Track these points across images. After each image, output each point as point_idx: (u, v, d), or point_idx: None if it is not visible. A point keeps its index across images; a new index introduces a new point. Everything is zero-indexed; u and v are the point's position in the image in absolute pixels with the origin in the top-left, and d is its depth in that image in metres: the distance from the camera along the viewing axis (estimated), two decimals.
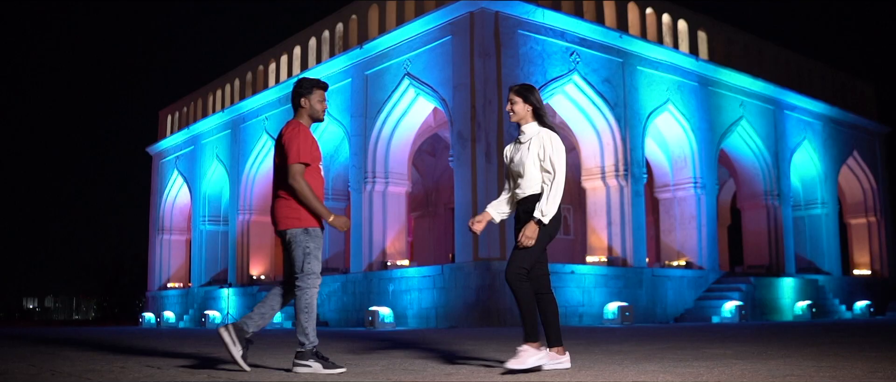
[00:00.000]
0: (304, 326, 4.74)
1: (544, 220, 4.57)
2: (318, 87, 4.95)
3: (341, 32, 23.33)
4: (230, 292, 24.44)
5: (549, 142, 4.68)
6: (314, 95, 4.93)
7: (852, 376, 4.11)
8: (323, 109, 4.97)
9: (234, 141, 27.15)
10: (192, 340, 11.06)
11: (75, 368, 5.45)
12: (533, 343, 4.55)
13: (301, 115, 4.96)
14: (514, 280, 4.56)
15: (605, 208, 20.53)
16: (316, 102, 4.93)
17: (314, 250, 4.78)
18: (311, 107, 4.93)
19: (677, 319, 20.67)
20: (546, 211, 4.57)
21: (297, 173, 4.72)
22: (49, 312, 58.80)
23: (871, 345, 6.92)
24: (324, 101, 4.97)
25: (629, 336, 10.04)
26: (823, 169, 26.99)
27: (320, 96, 4.95)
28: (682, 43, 22.89)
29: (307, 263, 4.76)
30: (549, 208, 4.58)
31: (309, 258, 4.76)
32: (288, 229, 4.80)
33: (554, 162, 4.64)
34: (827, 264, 26.71)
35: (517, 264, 4.58)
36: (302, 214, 4.77)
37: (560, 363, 4.72)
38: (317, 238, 4.80)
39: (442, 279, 18.55)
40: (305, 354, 4.72)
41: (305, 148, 4.77)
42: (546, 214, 4.57)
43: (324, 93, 4.99)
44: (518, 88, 4.82)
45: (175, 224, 32.22)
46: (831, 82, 28.69)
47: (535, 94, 4.80)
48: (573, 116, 20.63)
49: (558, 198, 4.61)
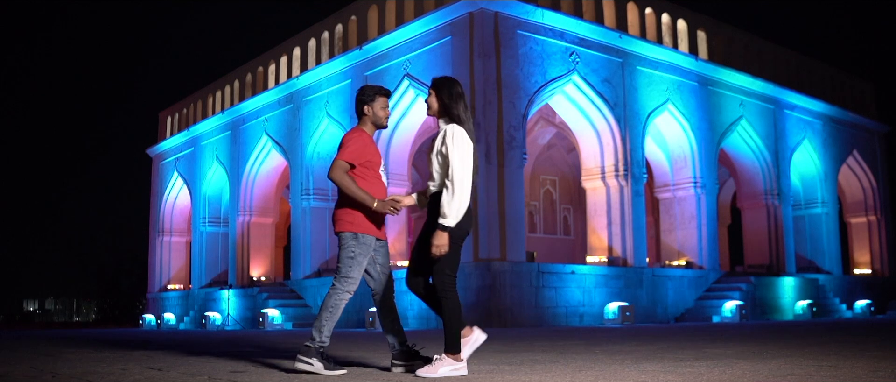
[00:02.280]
0: (322, 324, 4.74)
1: (446, 223, 4.31)
2: (380, 94, 4.96)
3: (341, 33, 23.32)
4: (230, 293, 24.43)
5: (450, 137, 4.40)
6: (377, 102, 4.93)
7: (853, 375, 4.10)
8: (385, 116, 4.95)
9: (234, 142, 27.15)
10: (192, 341, 11.05)
11: (76, 370, 5.45)
12: (452, 354, 4.38)
13: (364, 122, 4.98)
14: (442, 289, 4.39)
15: (605, 208, 20.52)
16: (378, 109, 4.93)
17: (359, 256, 4.79)
18: (374, 114, 4.93)
19: (678, 319, 20.66)
20: (447, 213, 4.31)
21: (338, 168, 4.75)
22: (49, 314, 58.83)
23: (871, 344, 6.92)
24: (386, 107, 4.95)
25: (630, 336, 10.03)
26: (823, 168, 26.99)
27: (383, 103, 4.94)
28: (681, 43, 22.89)
29: (349, 267, 4.78)
30: (450, 210, 4.32)
31: (352, 263, 4.78)
32: (341, 232, 4.84)
33: (451, 159, 4.34)
34: (827, 263, 26.71)
35: (441, 271, 4.38)
36: (357, 219, 4.80)
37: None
38: (365, 245, 4.81)
39: None
40: (311, 351, 4.70)
41: (356, 150, 4.78)
42: (447, 216, 4.31)
43: (387, 100, 4.97)
44: (434, 81, 4.62)
45: (175, 226, 32.22)
46: (831, 81, 28.69)
47: (450, 87, 4.53)
48: (573, 117, 20.63)
49: (460, 199, 4.31)
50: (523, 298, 17.63)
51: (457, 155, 4.35)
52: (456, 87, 4.55)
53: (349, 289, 4.77)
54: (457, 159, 4.35)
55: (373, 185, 4.85)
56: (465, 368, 4.44)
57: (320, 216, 23.55)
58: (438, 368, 4.33)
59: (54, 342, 11.61)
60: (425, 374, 4.32)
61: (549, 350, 7.19)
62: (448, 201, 4.33)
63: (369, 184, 4.83)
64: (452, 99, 4.50)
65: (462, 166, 4.34)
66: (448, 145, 4.38)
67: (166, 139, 32.30)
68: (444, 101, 4.51)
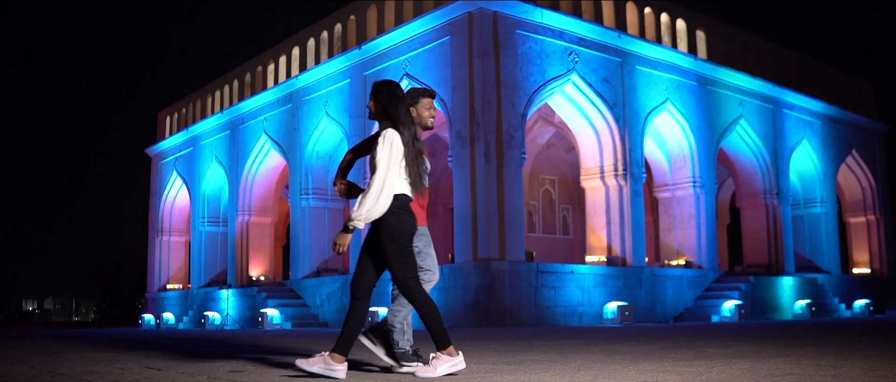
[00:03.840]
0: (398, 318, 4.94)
1: (352, 224, 4.23)
2: (424, 95, 4.98)
3: (340, 33, 23.32)
4: (230, 293, 24.42)
5: (382, 139, 4.33)
6: (421, 103, 4.94)
7: (852, 374, 4.10)
8: (430, 117, 4.94)
9: (233, 142, 27.14)
10: (191, 340, 11.05)
11: (75, 370, 5.45)
12: (445, 349, 4.34)
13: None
14: (411, 297, 4.34)
15: (604, 207, 20.53)
16: (423, 110, 4.94)
17: (423, 247, 4.97)
18: (419, 116, 4.93)
19: (677, 318, 20.67)
20: (354, 215, 4.22)
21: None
22: (48, 314, 58.84)
23: (870, 344, 6.92)
24: (431, 108, 4.95)
25: (629, 336, 10.03)
26: (822, 168, 27.00)
27: (427, 104, 4.94)
28: (680, 42, 22.89)
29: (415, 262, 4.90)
30: (359, 212, 4.21)
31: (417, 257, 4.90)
32: None
33: (377, 162, 4.28)
34: (826, 262, 26.72)
35: (404, 280, 4.31)
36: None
37: (334, 371, 4.30)
38: (422, 236, 5.00)
39: (441, 280, 18.53)
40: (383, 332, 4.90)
41: None
42: (354, 218, 4.22)
43: (431, 101, 4.98)
44: (374, 85, 4.56)
45: (174, 225, 32.21)
46: (830, 81, 28.70)
47: (390, 90, 4.48)
48: (572, 116, 20.63)
49: (372, 202, 4.21)
50: (522, 297, 17.63)
51: (382, 160, 4.28)
52: (396, 89, 4.49)
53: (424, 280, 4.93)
54: (382, 164, 4.28)
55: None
56: (463, 361, 4.40)
57: (319, 216, 23.56)
58: (437, 367, 4.32)
59: (53, 341, 11.61)
60: (425, 374, 4.32)
61: (548, 349, 7.19)
62: (358, 203, 4.25)
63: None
64: (392, 101, 4.44)
65: (383, 170, 4.26)
66: (377, 147, 4.32)
67: (165, 139, 32.29)
68: (383, 104, 4.46)
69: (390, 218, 4.30)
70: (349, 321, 4.39)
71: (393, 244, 4.31)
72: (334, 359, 4.30)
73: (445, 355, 4.36)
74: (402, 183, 4.38)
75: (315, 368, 4.29)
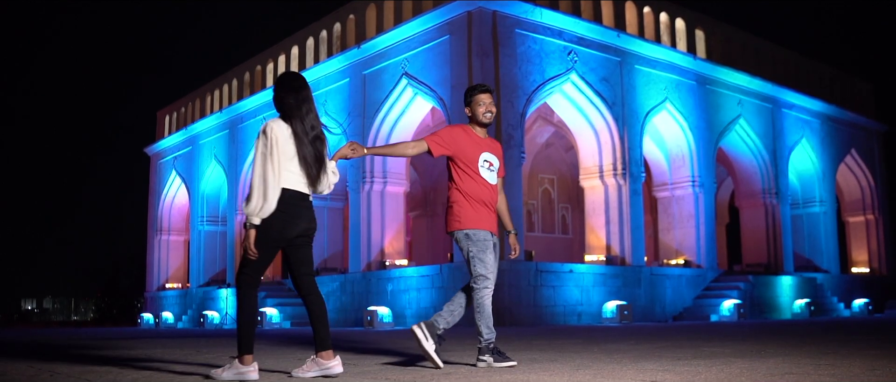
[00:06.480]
0: (478, 324, 4.94)
1: (249, 223, 4.13)
2: (476, 91, 5.10)
3: (339, 32, 23.32)
4: (229, 292, 24.43)
5: (260, 131, 4.18)
6: (476, 100, 5.08)
7: (851, 374, 4.11)
8: (483, 112, 5.07)
9: (232, 141, 27.14)
10: (190, 339, 11.06)
11: (74, 369, 5.45)
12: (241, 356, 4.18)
13: (471, 121, 5.19)
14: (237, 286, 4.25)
15: (603, 207, 20.53)
16: (477, 106, 5.08)
17: (477, 252, 4.92)
18: (473, 112, 5.10)
19: (676, 318, 20.68)
20: (248, 212, 4.12)
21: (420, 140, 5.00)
22: (47, 313, 58.69)
23: (869, 343, 6.92)
24: (483, 103, 5.06)
25: (628, 335, 10.04)
26: (821, 167, 27.01)
27: (479, 100, 5.07)
28: (679, 42, 22.89)
29: (473, 266, 4.94)
30: (249, 208, 4.11)
31: (474, 261, 4.93)
32: (452, 231, 5.04)
33: (256, 152, 4.15)
34: (825, 262, 26.73)
35: (241, 267, 4.25)
36: (462, 217, 4.97)
37: (329, 368, 4.25)
38: (479, 241, 4.94)
39: (440, 279, 18.54)
40: (482, 350, 4.96)
41: (441, 135, 5.01)
42: (248, 214, 4.12)
43: (488, 96, 5.08)
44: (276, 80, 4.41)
45: (173, 225, 32.20)
46: (829, 81, 28.71)
47: (284, 81, 4.32)
48: (571, 116, 20.63)
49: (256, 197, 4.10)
50: (521, 297, 17.64)
51: (258, 153, 4.15)
52: (291, 80, 4.32)
53: (486, 286, 4.93)
54: (257, 157, 4.15)
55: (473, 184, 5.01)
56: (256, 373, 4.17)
57: (318, 216, 23.50)
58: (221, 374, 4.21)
59: (52, 340, 11.61)
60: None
61: (547, 348, 7.20)
62: (246, 201, 4.15)
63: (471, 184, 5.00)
64: (283, 90, 4.28)
65: (259, 165, 4.13)
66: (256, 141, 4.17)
67: (164, 138, 32.28)
68: (278, 94, 4.30)
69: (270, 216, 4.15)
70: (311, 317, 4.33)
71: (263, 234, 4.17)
72: (325, 357, 4.28)
73: (237, 363, 4.18)
74: (293, 177, 4.23)
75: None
